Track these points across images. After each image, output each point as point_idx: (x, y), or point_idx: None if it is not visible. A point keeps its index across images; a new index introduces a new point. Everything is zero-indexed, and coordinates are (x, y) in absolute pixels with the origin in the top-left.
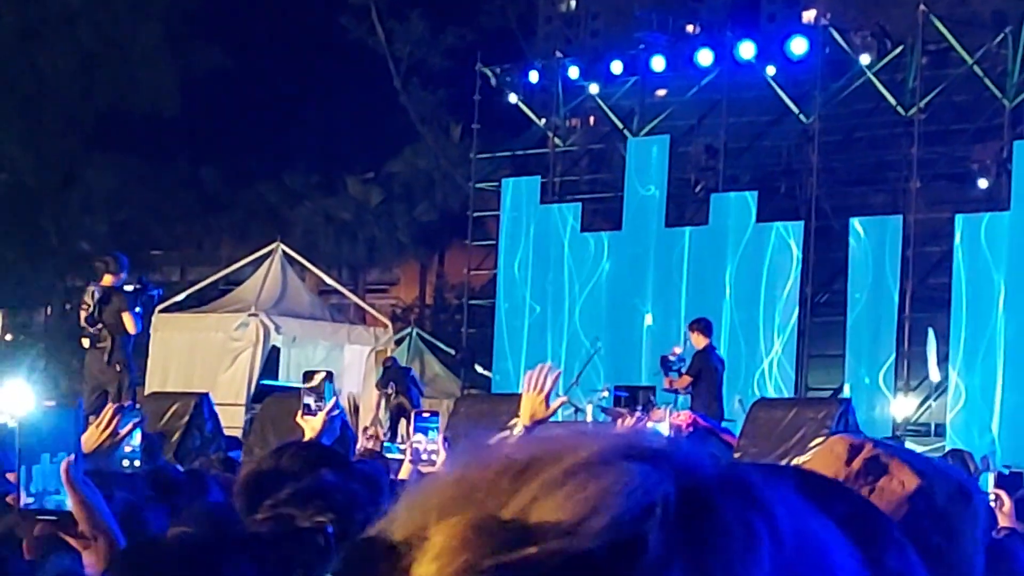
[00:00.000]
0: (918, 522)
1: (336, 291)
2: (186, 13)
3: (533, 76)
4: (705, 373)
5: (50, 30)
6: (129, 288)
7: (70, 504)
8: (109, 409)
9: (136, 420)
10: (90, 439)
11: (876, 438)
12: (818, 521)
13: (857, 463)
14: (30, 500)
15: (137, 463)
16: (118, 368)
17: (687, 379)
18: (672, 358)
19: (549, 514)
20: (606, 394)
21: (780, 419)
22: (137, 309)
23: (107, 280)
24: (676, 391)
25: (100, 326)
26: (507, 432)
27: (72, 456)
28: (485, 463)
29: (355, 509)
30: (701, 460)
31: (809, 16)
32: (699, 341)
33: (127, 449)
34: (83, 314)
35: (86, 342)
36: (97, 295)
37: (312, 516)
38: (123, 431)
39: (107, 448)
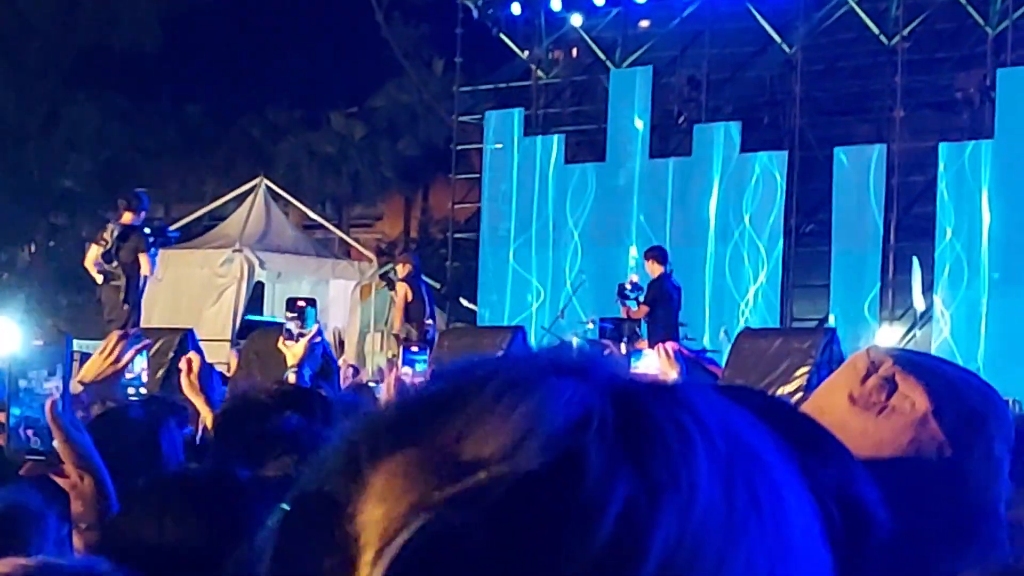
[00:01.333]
0: (922, 446)
1: (320, 226)
2: None
3: (515, 8)
4: (661, 301)
5: None
6: (147, 229)
7: (56, 444)
8: (112, 337)
9: (138, 346)
10: (92, 367)
11: (907, 352)
12: (755, 429)
13: (872, 380)
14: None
15: (142, 391)
16: (126, 308)
17: (645, 308)
18: (628, 287)
19: (484, 442)
20: (591, 326)
21: (765, 349)
22: (152, 251)
23: (127, 218)
24: (634, 320)
25: (115, 263)
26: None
27: (58, 394)
28: (409, 399)
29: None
30: (627, 370)
31: None
32: (654, 269)
33: (128, 376)
34: (100, 249)
35: (99, 278)
36: (116, 232)
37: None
38: (125, 358)
39: (111, 376)
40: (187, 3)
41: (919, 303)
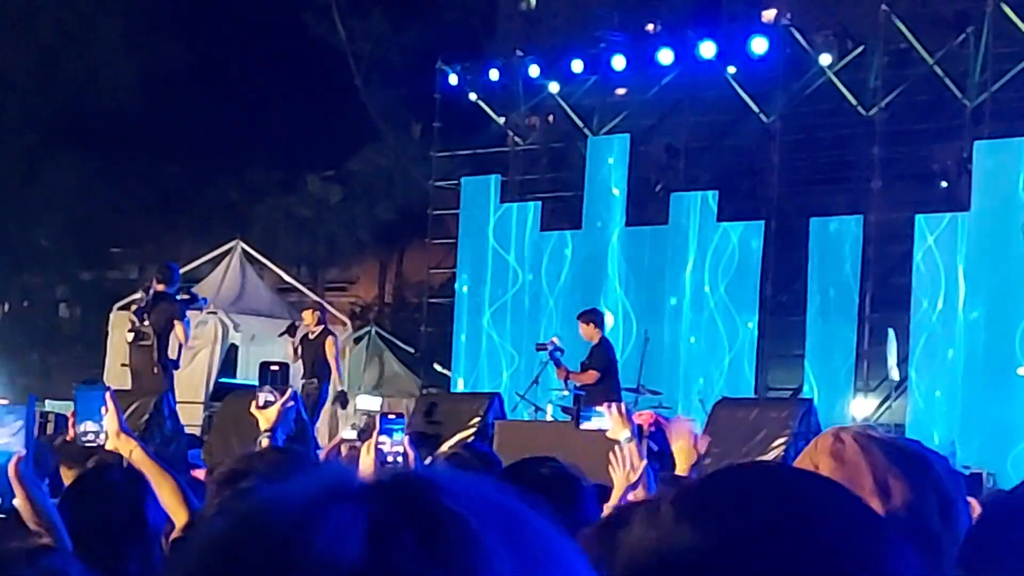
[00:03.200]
0: None
1: (295, 289)
2: (147, 8)
3: (493, 74)
4: (607, 366)
5: (9, 25)
6: (181, 297)
7: (17, 502)
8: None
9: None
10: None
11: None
12: (504, 494)
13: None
14: None
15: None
16: (155, 370)
17: (594, 373)
18: (549, 346)
19: None
20: (566, 393)
21: (743, 419)
22: (187, 319)
23: (159, 288)
24: (568, 382)
25: (147, 323)
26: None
27: (21, 453)
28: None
29: None
30: (388, 474)
31: (769, 15)
32: (593, 334)
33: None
34: (133, 307)
35: (129, 336)
36: (152, 294)
37: None
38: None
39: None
40: (166, 63)
41: (894, 374)
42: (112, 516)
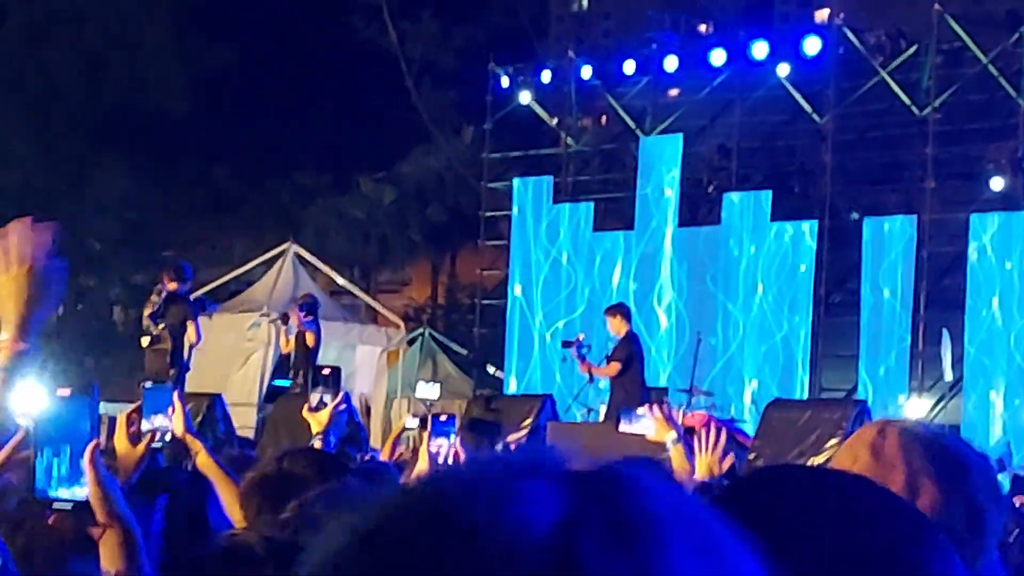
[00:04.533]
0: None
1: (348, 291)
2: (195, 12)
3: (545, 76)
4: (631, 360)
5: (58, 30)
6: (193, 298)
7: (87, 492)
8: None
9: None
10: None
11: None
12: (705, 510)
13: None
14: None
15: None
16: (171, 372)
17: (616, 366)
18: (576, 342)
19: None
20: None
21: (795, 420)
22: (198, 319)
23: (171, 287)
24: (593, 376)
25: (162, 326)
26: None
27: (94, 442)
28: (388, 524)
29: None
30: (587, 463)
31: (822, 15)
32: (621, 327)
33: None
34: (147, 310)
35: (145, 341)
36: (164, 295)
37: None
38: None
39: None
40: (215, 67)
41: (949, 374)
42: (174, 517)
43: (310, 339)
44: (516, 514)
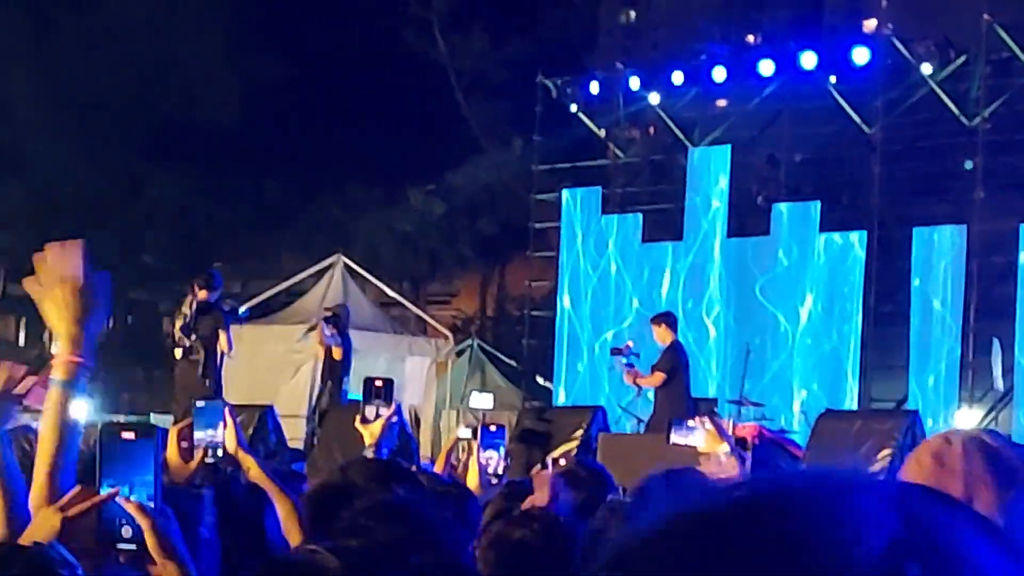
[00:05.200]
0: None
1: (397, 303)
2: (247, 25)
3: (594, 87)
4: (676, 370)
5: (110, 43)
6: (226, 307)
7: (146, 533)
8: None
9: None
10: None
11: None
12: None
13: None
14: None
15: (219, 452)
16: (207, 383)
17: (661, 376)
18: (625, 350)
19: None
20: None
21: (846, 431)
22: (229, 328)
23: (202, 295)
24: (639, 387)
25: (194, 337)
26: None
27: (150, 482)
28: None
29: (427, 525)
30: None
31: (870, 25)
32: (666, 336)
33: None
34: (179, 323)
35: (178, 353)
36: (194, 306)
37: (388, 531)
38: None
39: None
40: (266, 79)
41: (1000, 384)
42: (233, 529)
43: (336, 353)
44: (854, 528)
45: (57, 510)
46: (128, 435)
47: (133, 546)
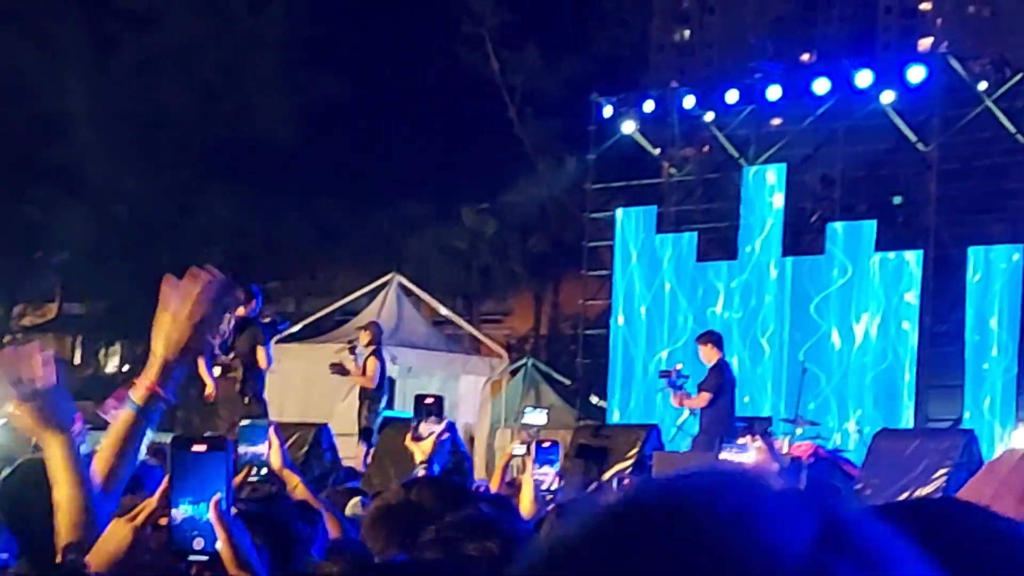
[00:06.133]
0: None
1: (451, 321)
2: (301, 43)
3: (648, 106)
4: (722, 390)
5: (166, 61)
6: (265, 320)
7: (219, 544)
8: None
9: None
10: None
11: None
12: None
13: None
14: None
15: (263, 471)
16: (247, 400)
17: (706, 396)
18: (673, 373)
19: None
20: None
21: (902, 450)
22: (268, 344)
23: (240, 311)
24: (685, 409)
25: (233, 355)
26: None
27: (222, 494)
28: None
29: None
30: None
31: (926, 44)
32: (712, 355)
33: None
34: (216, 341)
35: (217, 371)
36: (231, 323)
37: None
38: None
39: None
40: (320, 97)
41: None
42: (282, 546)
43: (368, 370)
44: (774, 534)
45: (128, 521)
46: (199, 448)
47: (205, 557)
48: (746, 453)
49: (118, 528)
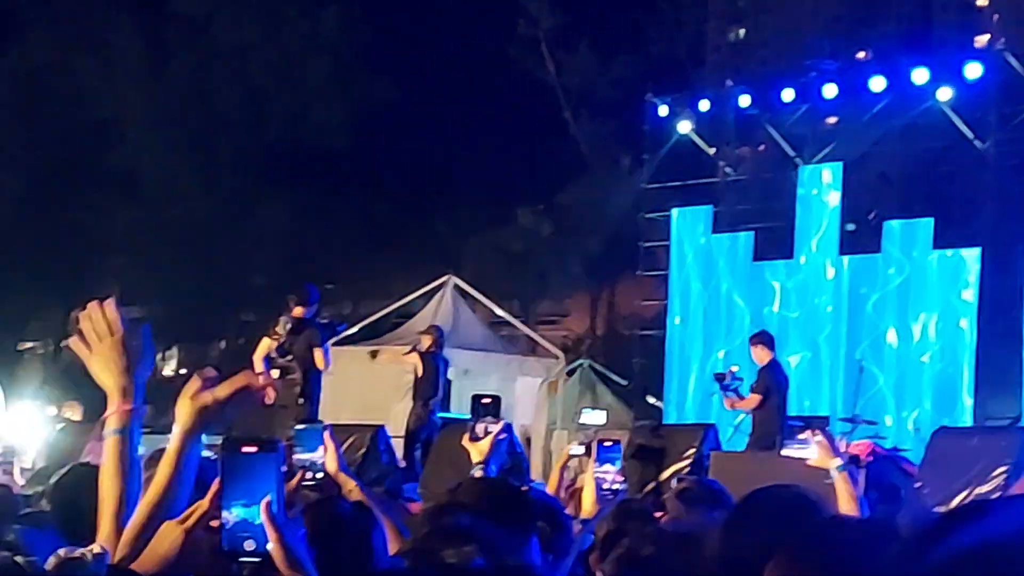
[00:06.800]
0: None
1: (507, 323)
2: (355, 47)
3: (703, 105)
4: (773, 390)
5: (222, 66)
6: (322, 321)
7: (270, 546)
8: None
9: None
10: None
11: None
12: None
13: None
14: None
15: (319, 476)
16: (305, 404)
17: (756, 398)
18: (727, 376)
19: None
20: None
21: (961, 449)
22: (326, 345)
23: (297, 312)
24: (739, 410)
25: (290, 357)
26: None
27: (273, 495)
28: None
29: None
30: None
31: (982, 40)
32: (763, 356)
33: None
34: (273, 343)
35: (275, 373)
36: (289, 326)
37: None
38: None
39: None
40: (375, 101)
41: None
42: (339, 547)
43: (418, 371)
44: None
45: (179, 523)
46: (249, 449)
47: (256, 559)
48: (808, 448)
49: (169, 530)
